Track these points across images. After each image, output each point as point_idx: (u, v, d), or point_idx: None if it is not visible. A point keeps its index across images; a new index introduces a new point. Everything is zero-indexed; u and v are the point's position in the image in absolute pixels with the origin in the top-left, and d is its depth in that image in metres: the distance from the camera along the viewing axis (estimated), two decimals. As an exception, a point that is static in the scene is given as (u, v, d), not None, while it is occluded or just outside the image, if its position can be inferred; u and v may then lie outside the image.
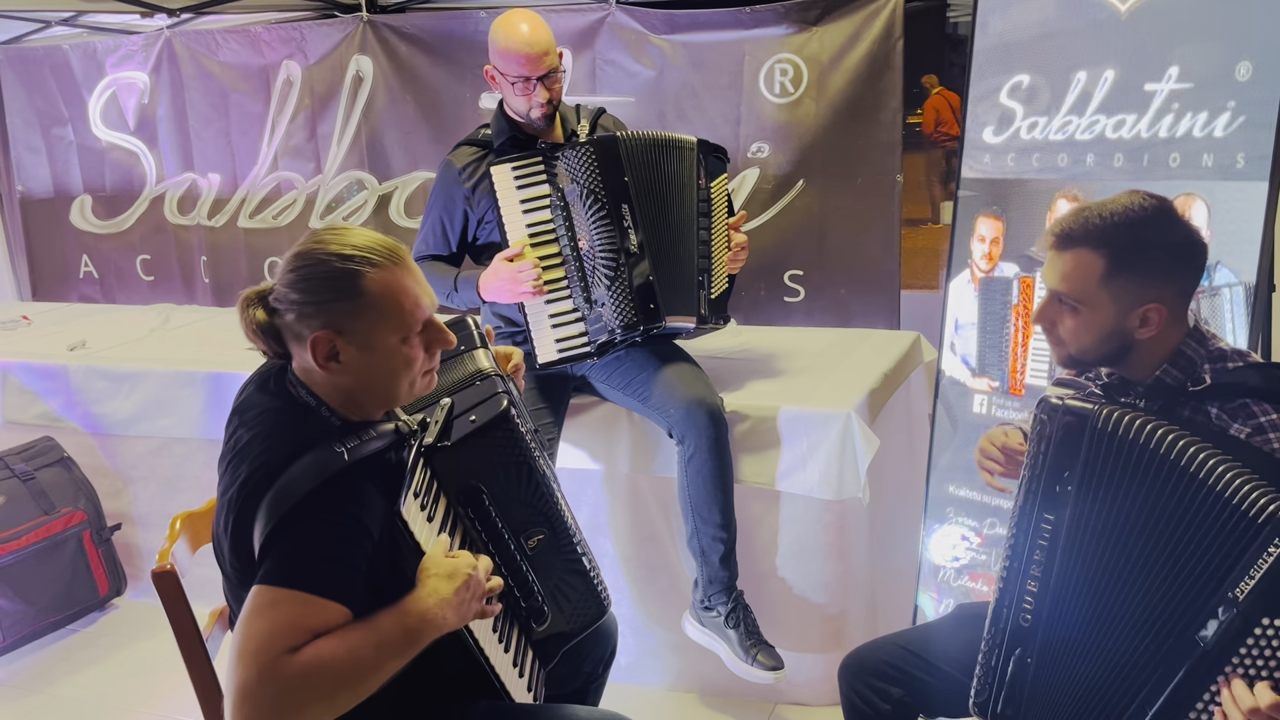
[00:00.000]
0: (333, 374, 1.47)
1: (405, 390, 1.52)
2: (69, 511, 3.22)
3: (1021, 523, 1.53)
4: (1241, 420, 1.47)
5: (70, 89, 4.52)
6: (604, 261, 2.44)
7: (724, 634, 2.46)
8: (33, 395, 3.40)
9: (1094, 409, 1.47)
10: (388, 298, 1.45)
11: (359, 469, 1.42)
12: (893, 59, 3.37)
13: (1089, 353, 1.58)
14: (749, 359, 3.02)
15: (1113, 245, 1.51)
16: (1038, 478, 1.52)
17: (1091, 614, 1.47)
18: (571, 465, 2.71)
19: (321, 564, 1.35)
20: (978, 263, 2.56)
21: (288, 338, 1.49)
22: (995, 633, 1.55)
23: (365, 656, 1.33)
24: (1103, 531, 1.46)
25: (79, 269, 4.71)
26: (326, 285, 1.44)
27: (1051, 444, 1.50)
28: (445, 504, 1.58)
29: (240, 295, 1.53)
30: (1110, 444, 1.45)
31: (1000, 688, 1.54)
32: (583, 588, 1.78)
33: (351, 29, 4.04)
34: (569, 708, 1.65)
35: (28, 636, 3.12)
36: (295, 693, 1.28)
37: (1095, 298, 1.53)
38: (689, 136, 2.56)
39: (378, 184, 4.14)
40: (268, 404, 1.50)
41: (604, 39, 3.69)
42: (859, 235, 3.51)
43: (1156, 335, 1.53)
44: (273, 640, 1.29)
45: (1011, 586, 1.54)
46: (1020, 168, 2.47)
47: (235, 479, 1.44)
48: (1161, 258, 1.52)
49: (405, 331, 1.48)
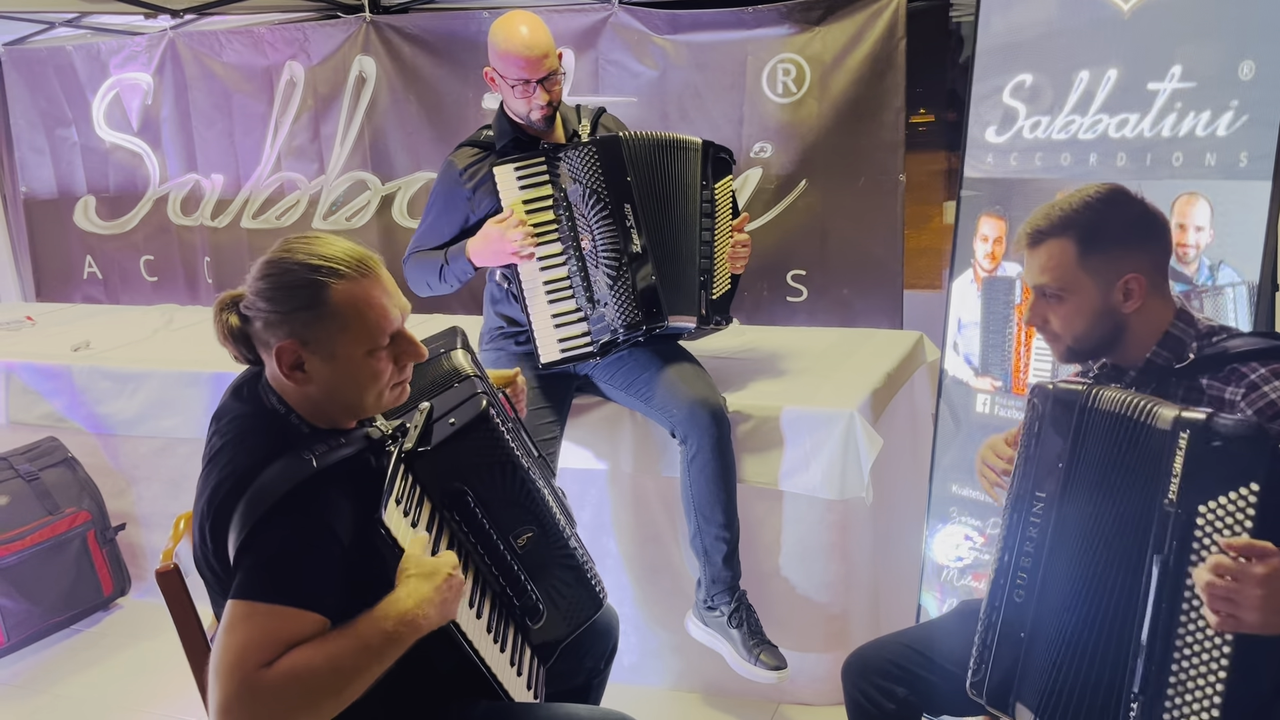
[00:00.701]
0: (299, 384, 1.46)
1: (373, 402, 1.50)
2: (73, 511, 3.23)
3: (1016, 503, 1.58)
4: (1235, 384, 1.50)
5: (74, 90, 4.53)
6: (606, 261, 2.44)
7: (727, 634, 2.46)
8: (37, 396, 3.40)
9: (1083, 390, 1.53)
10: (352, 309, 1.44)
11: (328, 475, 1.40)
12: (895, 59, 3.37)
13: (1084, 339, 1.63)
14: (752, 359, 3.02)
15: (1079, 227, 1.60)
16: (1031, 459, 1.57)
17: (1082, 586, 1.48)
18: (574, 465, 2.71)
19: (291, 574, 1.34)
20: (981, 262, 2.56)
21: (258, 345, 1.49)
22: (990, 611, 1.59)
23: (344, 663, 1.32)
24: (1092, 507, 1.48)
25: (83, 270, 4.71)
26: (292, 295, 1.43)
27: (1043, 425, 1.56)
28: (430, 508, 1.58)
29: (216, 299, 1.53)
30: (1099, 421, 1.49)
31: (995, 665, 1.56)
32: (577, 583, 1.78)
33: (354, 30, 4.04)
34: (570, 706, 1.65)
35: (32, 636, 3.12)
36: (274, 705, 1.28)
37: (1076, 281, 1.60)
38: (695, 138, 2.56)
39: (380, 184, 4.14)
40: (239, 410, 1.51)
41: (607, 39, 3.69)
42: (862, 235, 3.51)
43: (1143, 311, 1.59)
44: (246, 655, 1.28)
45: (1006, 565, 1.58)
46: (1023, 167, 2.47)
47: (207, 486, 1.45)
48: (1126, 231, 1.60)
49: (371, 344, 1.46)
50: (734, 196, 2.66)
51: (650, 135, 2.51)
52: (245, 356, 1.53)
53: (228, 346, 1.52)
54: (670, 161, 2.51)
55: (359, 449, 1.47)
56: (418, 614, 1.39)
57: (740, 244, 2.60)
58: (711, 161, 2.57)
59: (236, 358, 1.54)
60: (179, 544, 1.67)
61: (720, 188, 2.59)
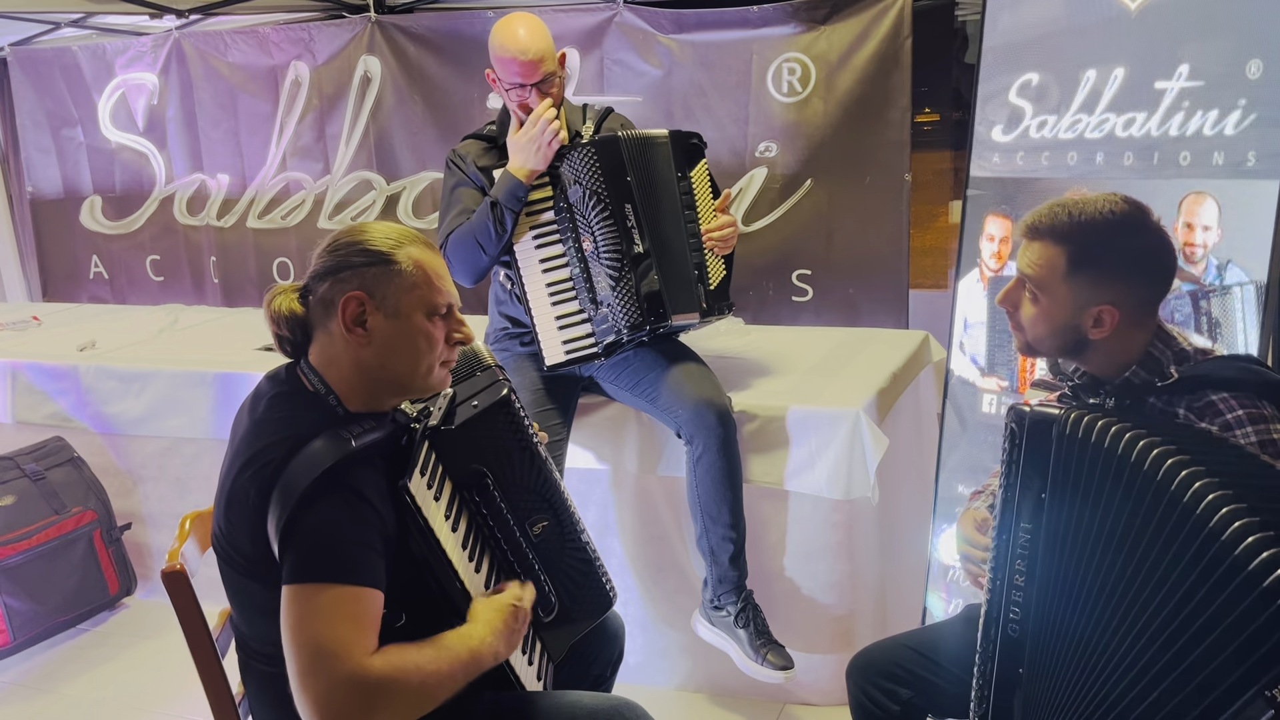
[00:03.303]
0: (357, 344, 1.49)
1: (423, 374, 1.54)
2: (79, 511, 3.24)
3: (1001, 534, 1.51)
4: (1209, 419, 1.48)
5: (80, 90, 4.54)
6: (608, 262, 2.44)
7: (734, 633, 2.46)
8: (43, 395, 3.41)
9: (1060, 414, 1.45)
10: (420, 271, 1.51)
11: (365, 455, 1.43)
12: (901, 58, 3.36)
13: (1042, 342, 1.62)
14: (756, 358, 3.01)
15: (1075, 243, 1.55)
16: (1012, 486, 1.50)
17: (1076, 622, 1.43)
18: (580, 465, 2.71)
19: (353, 553, 1.37)
20: (987, 262, 2.55)
21: (315, 319, 1.52)
22: (986, 645, 1.53)
23: (442, 667, 1.38)
24: (1079, 538, 1.42)
25: (89, 269, 4.72)
26: (366, 253, 1.50)
27: (1022, 451, 1.48)
28: (450, 488, 1.60)
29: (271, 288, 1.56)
30: (1075, 448, 1.42)
31: (996, 701, 1.53)
32: (588, 577, 1.80)
33: (359, 29, 4.05)
34: (575, 694, 1.65)
35: (38, 636, 3.13)
36: (381, 697, 1.31)
37: (1055, 290, 1.57)
38: (660, 130, 2.53)
39: (386, 184, 4.14)
40: (276, 390, 1.54)
41: (612, 38, 3.69)
42: (867, 235, 3.50)
43: (1111, 338, 1.56)
44: (349, 643, 1.31)
45: (997, 598, 1.51)
46: (1030, 166, 2.46)
47: (237, 462, 1.46)
48: (1121, 263, 1.54)
49: (431, 307, 1.52)
50: (711, 179, 2.61)
51: (630, 134, 2.49)
52: (291, 341, 1.55)
53: (276, 329, 1.55)
54: (654, 158, 2.49)
55: (391, 431, 1.51)
56: (494, 643, 1.47)
57: (722, 225, 2.54)
58: (683, 150, 2.54)
59: (278, 340, 1.56)
60: (185, 544, 1.67)
61: (696, 175, 2.56)
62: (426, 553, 1.49)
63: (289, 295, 1.54)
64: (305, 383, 1.52)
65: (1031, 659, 1.49)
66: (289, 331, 1.54)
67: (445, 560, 1.51)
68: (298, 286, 1.55)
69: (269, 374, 1.59)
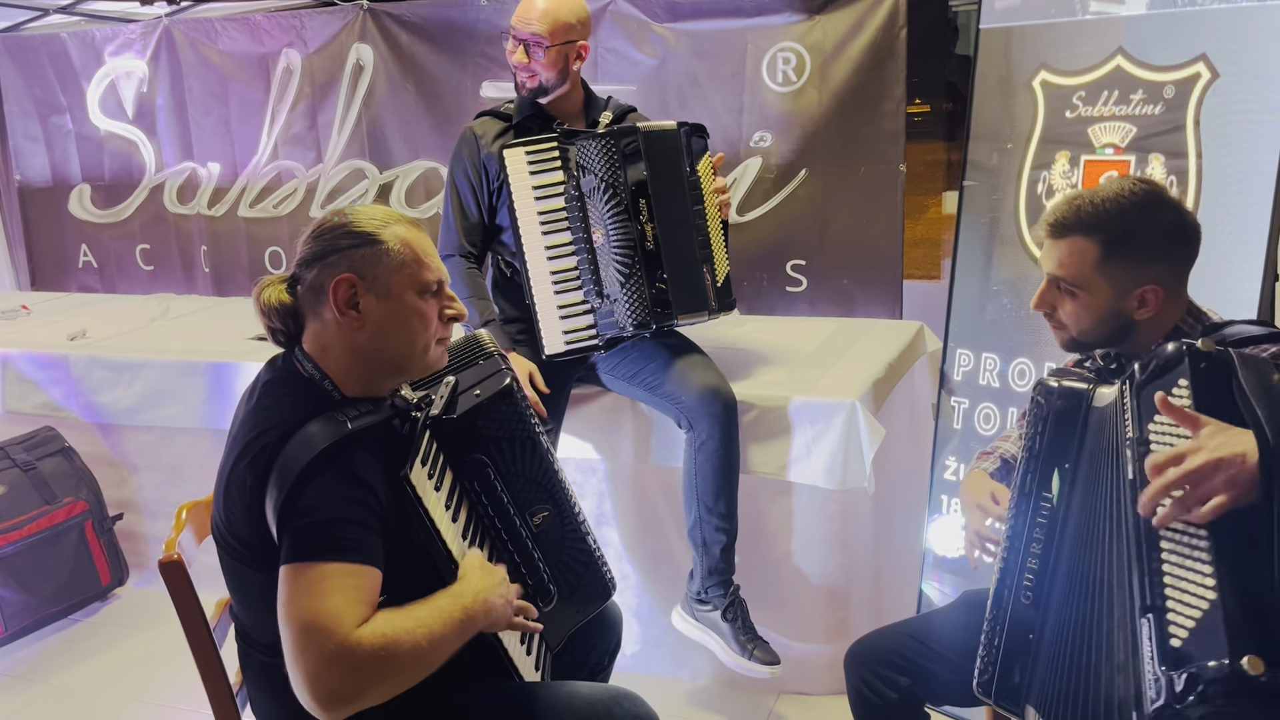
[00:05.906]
0: (351, 328, 1.49)
1: (420, 353, 1.54)
2: (70, 501, 3.22)
3: (1020, 504, 1.55)
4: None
5: (68, 77, 4.49)
6: (619, 257, 2.42)
7: (719, 627, 2.45)
8: (33, 385, 3.39)
9: (1088, 388, 1.50)
10: (407, 250, 1.51)
11: (361, 437, 1.43)
12: (896, 48, 3.35)
13: (1090, 334, 1.62)
14: (751, 349, 3.01)
15: (1105, 231, 1.55)
16: (1035, 458, 1.54)
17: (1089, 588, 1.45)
18: (574, 455, 2.70)
19: (349, 531, 1.37)
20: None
21: (306, 306, 1.52)
22: (997, 614, 1.57)
23: (434, 631, 1.38)
24: (1100, 506, 1.45)
25: (78, 259, 4.69)
26: (352, 236, 1.51)
27: (1048, 424, 1.52)
28: (451, 477, 1.60)
29: (259, 281, 1.56)
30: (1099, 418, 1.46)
31: (1002, 667, 1.55)
32: (589, 568, 1.80)
33: (351, 17, 4.02)
34: (574, 684, 1.65)
35: (30, 626, 3.12)
36: (371, 667, 1.30)
37: (1092, 282, 1.57)
38: (669, 123, 2.51)
39: (379, 173, 4.12)
40: (272, 376, 1.54)
41: (606, 27, 3.67)
42: (862, 225, 3.50)
43: (1156, 316, 1.57)
44: (338, 617, 1.30)
45: (1012, 567, 1.55)
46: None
47: (236, 447, 1.46)
48: (1153, 240, 1.56)
49: (422, 285, 1.52)
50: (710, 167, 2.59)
51: (648, 126, 2.48)
52: (283, 332, 1.55)
53: (266, 320, 1.55)
54: (669, 153, 2.48)
55: (388, 416, 1.51)
56: (489, 596, 1.46)
57: (719, 189, 2.54)
58: (691, 143, 2.53)
59: (270, 332, 1.56)
60: (182, 534, 1.66)
61: (701, 169, 2.54)
62: (426, 542, 1.49)
63: (277, 286, 1.53)
64: (300, 370, 1.52)
65: (1043, 627, 1.51)
66: (280, 322, 1.54)
67: (445, 550, 1.51)
68: (285, 277, 1.55)
69: (268, 362, 1.59)
